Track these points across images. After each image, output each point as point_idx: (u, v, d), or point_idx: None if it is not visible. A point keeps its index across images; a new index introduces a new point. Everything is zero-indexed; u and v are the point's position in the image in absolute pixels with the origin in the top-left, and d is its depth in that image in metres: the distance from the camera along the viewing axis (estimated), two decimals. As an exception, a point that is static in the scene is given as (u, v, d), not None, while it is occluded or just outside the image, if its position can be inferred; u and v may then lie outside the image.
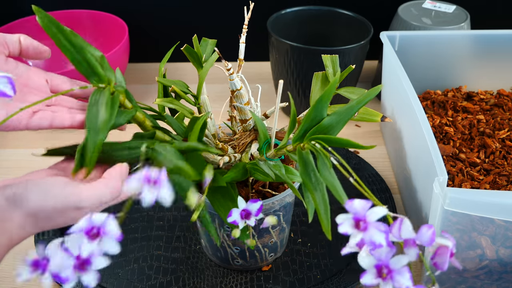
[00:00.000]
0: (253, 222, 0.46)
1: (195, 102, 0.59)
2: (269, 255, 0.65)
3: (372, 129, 0.92)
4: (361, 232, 0.33)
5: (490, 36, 0.85)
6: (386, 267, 0.34)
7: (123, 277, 0.65)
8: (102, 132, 0.44)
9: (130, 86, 1.05)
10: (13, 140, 0.90)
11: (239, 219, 0.46)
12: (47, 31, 0.44)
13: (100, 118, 0.44)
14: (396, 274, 0.34)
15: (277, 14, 0.93)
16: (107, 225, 0.34)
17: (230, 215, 0.46)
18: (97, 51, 0.47)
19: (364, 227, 0.33)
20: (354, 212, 0.34)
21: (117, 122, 0.47)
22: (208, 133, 0.59)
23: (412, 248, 0.35)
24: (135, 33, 1.06)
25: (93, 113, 0.45)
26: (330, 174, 0.41)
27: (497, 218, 0.53)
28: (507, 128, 0.77)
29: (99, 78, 0.46)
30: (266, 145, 0.52)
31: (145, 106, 0.57)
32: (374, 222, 0.33)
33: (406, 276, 0.33)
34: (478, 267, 0.58)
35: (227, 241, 0.61)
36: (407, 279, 0.33)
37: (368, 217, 0.33)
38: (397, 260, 0.34)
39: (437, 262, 0.35)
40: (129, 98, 0.50)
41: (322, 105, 0.44)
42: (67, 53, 0.45)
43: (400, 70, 0.72)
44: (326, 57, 0.58)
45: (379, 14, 1.04)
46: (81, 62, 0.45)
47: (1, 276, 0.66)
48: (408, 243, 0.35)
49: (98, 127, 0.44)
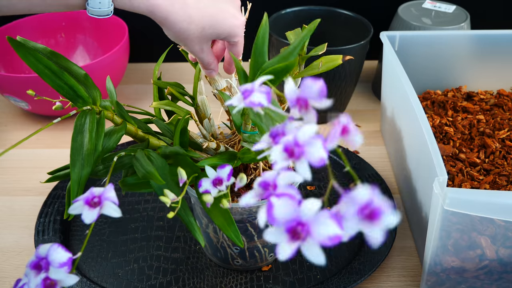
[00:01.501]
0: (224, 187, 0.45)
1: (192, 103, 0.59)
2: (268, 255, 0.65)
3: (372, 129, 0.92)
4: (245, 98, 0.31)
5: (490, 36, 0.85)
6: (295, 144, 0.28)
7: (123, 277, 0.65)
8: (88, 165, 0.44)
9: (130, 86, 1.05)
10: (13, 140, 0.91)
11: (211, 187, 0.45)
12: (25, 62, 0.44)
13: (84, 148, 0.44)
14: (308, 146, 0.28)
15: (277, 14, 0.93)
16: (52, 254, 0.34)
17: (200, 185, 0.45)
18: (80, 69, 0.46)
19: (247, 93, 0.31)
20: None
21: (107, 146, 0.47)
22: (206, 133, 0.59)
23: (306, 109, 0.30)
24: (135, 33, 1.06)
25: (78, 143, 0.44)
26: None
27: (497, 218, 0.53)
28: (507, 128, 0.77)
29: (83, 100, 0.46)
30: (241, 123, 0.53)
31: (140, 111, 0.57)
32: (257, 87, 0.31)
33: (318, 145, 0.28)
34: (478, 267, 0.58)
35: (226, 241, 0.61)
36: (320, 149, 0.28)
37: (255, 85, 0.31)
38: (304, 131, 0.28)
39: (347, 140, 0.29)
40: (120, 110, 0.50)
41: (261, 45, 0.45)
42: (48, 80, 0.45)
43: (400, 70, 0.72)
44: (289, 32, 0.60)
45: (379, 14, 1.04)
46: (63, 87, 0.45)
47: (1, 276, 0.66)
48: (299, 103, 0.30)
49: (83, 160, 0.44)
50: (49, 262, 0.33)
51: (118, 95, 1.01)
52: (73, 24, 1.03)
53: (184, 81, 0.73)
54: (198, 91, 0.59)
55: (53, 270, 0.33)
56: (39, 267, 0.34)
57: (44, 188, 0.79)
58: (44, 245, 0.34)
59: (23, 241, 0.71)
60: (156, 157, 0.48)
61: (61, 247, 0.34)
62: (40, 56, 0.44)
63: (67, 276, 0.33)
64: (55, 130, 0.92)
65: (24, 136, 0.91)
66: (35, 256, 0.34)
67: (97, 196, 0.36)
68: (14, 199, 0.77)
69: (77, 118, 0.45)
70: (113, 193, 0.36)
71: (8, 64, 0.98)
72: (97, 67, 0.85)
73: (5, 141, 0.90)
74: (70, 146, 0.47)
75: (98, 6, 0.45)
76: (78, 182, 0.43)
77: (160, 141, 0.54)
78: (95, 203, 0.35)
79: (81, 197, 0.36)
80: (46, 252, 0.34)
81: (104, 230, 0.72)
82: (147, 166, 0.46)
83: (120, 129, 0.48)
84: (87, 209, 0.35)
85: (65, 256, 0.33)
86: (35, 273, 0.33)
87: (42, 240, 0.68)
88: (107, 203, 0.35)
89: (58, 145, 0.88)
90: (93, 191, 0.36)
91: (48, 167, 0.82)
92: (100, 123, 0.45)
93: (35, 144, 0.89)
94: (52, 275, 0.33)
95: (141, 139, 0.52)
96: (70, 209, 0.36)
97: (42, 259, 0.34)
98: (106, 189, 0.36)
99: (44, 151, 0.87)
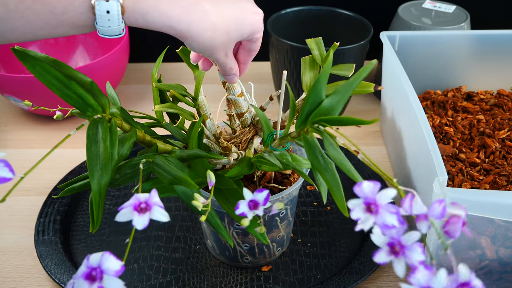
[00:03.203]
0: (261, 211, 0.46)
1: (194, 104, 0.59)
2: (276, 249, 0.65)
3: (372, 129, 0.92)
4: (373, 215, 0.34)
5: (490, 36, 0.85)
6: (398, 243, 0.35)
7: (123, 277, 0.65)
8: (107, 174, 0.43)
9: (130, 86, 1.05)
10: (13, 140, 0.90)
11: (247, 210, 0.46)
12: (32, 72, 0.43)
13: (101, 158, 0.44)
14: (408, 250, 0.34)
15: (277, 14, 0.92)
16: (106, 263, 0.34)
17: (237, 207, 0.46)
18: (85, 77, 0.45)
19: (376, 210, 0.34)
20: (364, 197, 0.34)
21: (122, 154, 0.46)
22: (209, 134, 0.59)
23: (423, 222, 0.35)
24: (135, 33, 1.06)
25: (94, 153, 0.44)
26: (338, 153, 0.41)
27: (497, 218, 0.53)
28: (507, 128, 0.77)
29: (93, 108, 0.45)
30: (271, 137, 0.52)
31: (143, 115, 0.57)
32: (385, 204, 0.34)
33: (418, 251, 0.34)
34: (478, 267, 0.58)
35: (236, 239, 0.62)
36: (419, 254, 0.34)
37: (378, 200, 0.34)
38: (408, 237, 0.35)
39: (449, 231, 0.36)
40: (126, 117, 0.49)
41: (320, 87, 0.43)
42: (56, 91, 0.44)
43: (400, 70, 0.72)
44: (310, 40, 0.58)
45: (379, 14, 1.04)
46: (71, 96, 0.45)
47: (1, 276, 0.66)
48: (420, 217, 0.36)
49: (101, 169, 0.43)
50: (103, 271, 0.33)
51: (118, 95, 1.01)
52: (73, 24, 1.03)
53: (183, 81, 0.73)
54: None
55: (107, 279, 0.33)
56: (92, 277, 0.34)
57: (44, 188, 0.79)
58: (94, 254, 0.34)
59: (23, 241, 0.71)
60: (175, 162, 0.48)
61: (112, 255, 0.34)
62: (48, 66, 0.43)
63: (120, 284, 0.34)
64: (56, 130, 0.92)
65: (24, 136, 0.91)
66: (86, 266, 0.34)
67: (143, 202, 0.36)
68: (14, 199, 0.77)
69: (89, 128, 0.44)
70: (158, 198, 0.36)
71: (8, 64, 0.98)
72: (97, 67, 0.85)
73: (5, 141, 0.90)
74: (70, 146, 0.47)
75: (107, 24, 0.42)
76: (99, 192, 0.43)
77: (167, 145, 0.53)
78: (142, 208, 0.36)
79: (128, 204, 0.36)
80: (98, 261, 0.34)
81: (104, 230, 0.72)
82: (175, 172, 0.45)
83: (131, 136, 0.48)
84: (136, 215, 0.36)
85: (118, 264, 0.34)
86: (88, 284, 0.33)
87: (42, 240, 0.68)
88: (155, 208, 0.36)
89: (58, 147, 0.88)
90: (139, 197, 0.36)
91: (48, 167, 0.82)
92: (112, 131, 0.45)
93: (35, 144, 0.89)
94: (106, 284, 0.33)
95: (149, 144, 0.52)
96: (118, 216, 0.36)
97: (94, 269, 0.34)
98: (151, 195, 0.36)
99: (45, 151, 0.86)
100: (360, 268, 0.64)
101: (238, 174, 0.52)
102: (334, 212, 0.74)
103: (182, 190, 0.48)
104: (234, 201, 0.51)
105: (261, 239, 0.50)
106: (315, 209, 0.74)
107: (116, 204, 0.76)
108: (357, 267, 0.64)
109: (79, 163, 0.81)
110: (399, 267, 0.34)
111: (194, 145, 0.51)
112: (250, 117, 0.59)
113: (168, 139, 0.56)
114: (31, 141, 0.90)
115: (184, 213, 0.74)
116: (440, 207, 0.35)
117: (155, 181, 0.49)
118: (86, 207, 0.76)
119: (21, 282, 0.65)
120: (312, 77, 0.57)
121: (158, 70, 0.59)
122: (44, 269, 0.64)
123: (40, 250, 0.66)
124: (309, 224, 0.72)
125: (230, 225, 0.60)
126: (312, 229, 0.71)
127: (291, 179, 0.62)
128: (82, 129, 0.45)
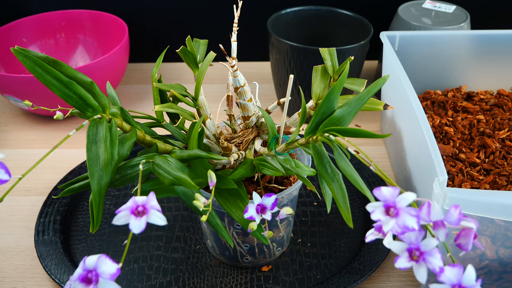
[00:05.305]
0: (269, 216, 0.46)
1: (194, 104, 0.59)
2: (276, 249, 0.65)
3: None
4: (393, 218, 0.34)
5: (490, 36, 0.85)
6: (417, 250, 0.35)
7: (123, 277, 0.65)
8: (107, 175, 0.43)
9: (130, 86, 1.05)
10: (13, 140, 0.91)
11: (255, 214, 0.46)
12: (32, 73, 0.43)
13: (101, 158, 0.43)
14: (427, 255, 0.35)
15: (277, 14, 0.93)
16: (102, 266, 0.34)
17: (246, 211, 0.46)
18: (85, 77, 0.45)
19: (396, 213, 0.34)
20: (384, 200, 0.35)
21: (122, 154, 0.46)
22: (209, 133, 0.59)
23: (441, 229, 0.36)
24: (135, 33, 1.06)
25: (94, 153, 0.44)
26: (347, 164, 0.41)
27: (497, 218, 0.53)
28: (507, 128, 0.77)
29: (93, 108, 0.45)
30: (274, 140, 0.53)
31: (143, 115, 0.57)
32: (405, 207, 0.34)
33: (438, 257, 0.35)
34: (478, 267, 0.58)
35: (236, 239, 0.62)
36: (438, 260, 0.34)
37: (398, 203, 0.34)
38: (427, 243, 0.35)
39: (461, 244, 0.36)
40: (126, 117, 0.49)
41: (334, 97, 0.44)
42: (56, 91, 0.44)
43: (400, 70, 0.72)
44: (324, 50, 0.58)
45: (379, 14, 1.04)
46: (71, 97, 0.44)
47: (1, 276, 0.66)
48: (437, 224, 0.36)
49: (101, 170, 0.43)
50: (99, 274, 0.33)
51: (118, 95, 1.01)
52: (73, 24, 1.03)
53: (182, 81, 0.73)
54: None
55: (103, 282, 0.33)
56: (88, 280, 0.33)
57: (44, 188, 0.79)
58: (91, 257, 0.34)
59: (23, 241, 0.71)
60: (175, 162, 0.48)
61: (108, 258, 0.34)
62: (48, 66, 0.43)
63: (116, 287, 0.33)
64: (56, 130, 0.92)
65: (24, 136, 0.91)
66: (82, 269, 0.34)
67: (141, 205, 0.36)
68: (14, 199, 0.77)
69: (89, 128, 0.44)
70: (156, 202, 0.36)
71: (8, 64, 0.98)
72: (97, 67, 0.85)
73: (5, 141, 0.90)
74: (70, 146, 0.47)
75: None
76: (99, 193, 0.43)
77: (167, 145, 0.53)
78: (139, 212, 0.36)
79: (125, 207, 0.36)
80: (94, 264, 0.34)
81: (104, 230, 0.72)
82: (175, 172, 0.45)
83: (131, 136, 0.48)
84: (133, 218, 0.35)
85: (113, 267, 0.33)
86: (84, 286, 0.33)
87: (42, 240, 0.68)
88: (152, 211, 0.35)
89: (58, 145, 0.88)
90: (136, 200, 0.36)
91: (48, 167, 0.82)
92: (112, 131, 0.45)
93: (35, 144, 0.89)
94: (101, 287, 0.33)
95: (149, 144, 0.52)
96: (115, 220, 0.35)
97: (90, 272, 0.34)
98: (149, 198, 0.36)
99: (44, 151, 0.87)
100: (360, 268, 0.64)
101: (241, 176, 0.52)
102: (334, 212, 0.74)
103: (182, 190, 0.48)
104: (234, 201, 0.51)
105: (261, 239, 0.50)
106: (315, 209, 0.74)
107: (116, 204, 0.76)
108: (357, 267, 0.64)
109: (79, 163, 0.81)
110: (420, 272, 0.35)
111: (194, 145, 0.51)
112: (256, 119, 0.59)
113: (168, 139, 0.56)
114: (31, 141, 0.90)
115: (184, 213, 0.74)
116: (456, 213, 0.35)
117: (155, 181, 0.49)
118: (86, 207, 0.76)
119: (21, 282, 0.65)
120: (323, 87, 0.57)
121: (158, 70, 0.59)
122: (44, 269, 0.64)
123: (40, 250, 0.66)
124: (309, 224, 0.72)
125: (230, 225, 0.60)
126: (312, 229, 0.71)
127: (291, 179, 0.62)
128: (82, 129, 0.45)
